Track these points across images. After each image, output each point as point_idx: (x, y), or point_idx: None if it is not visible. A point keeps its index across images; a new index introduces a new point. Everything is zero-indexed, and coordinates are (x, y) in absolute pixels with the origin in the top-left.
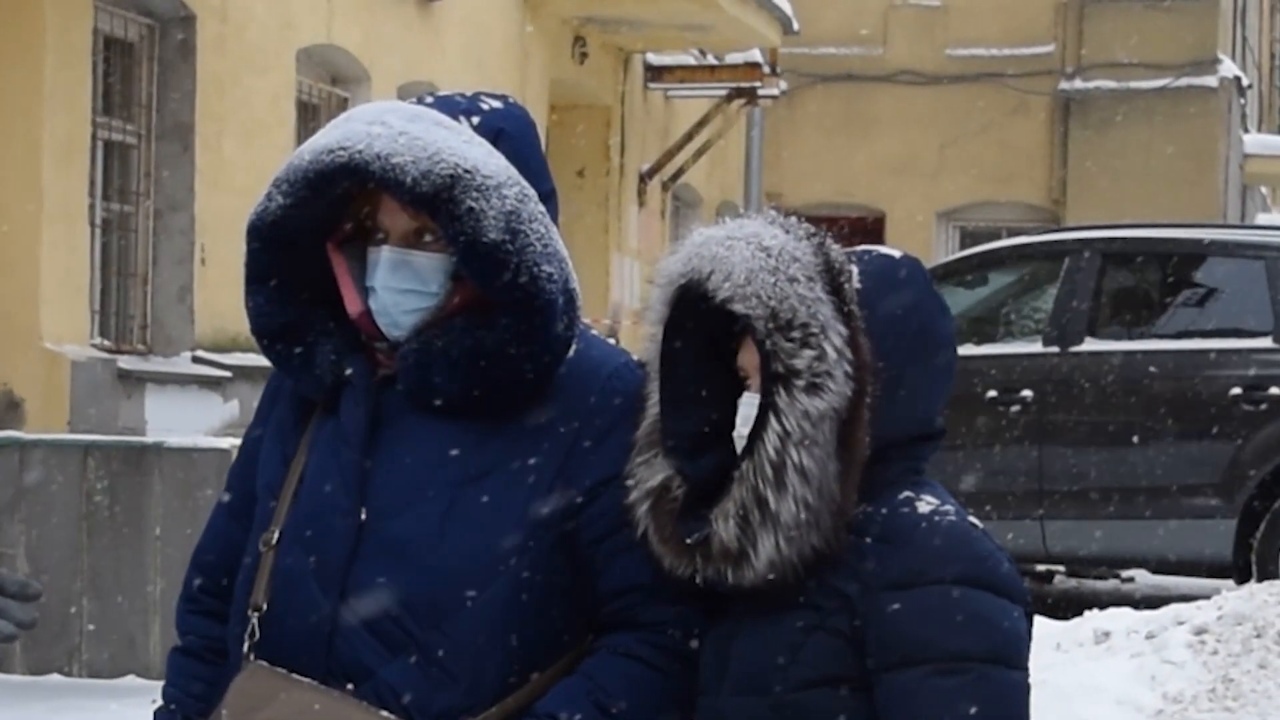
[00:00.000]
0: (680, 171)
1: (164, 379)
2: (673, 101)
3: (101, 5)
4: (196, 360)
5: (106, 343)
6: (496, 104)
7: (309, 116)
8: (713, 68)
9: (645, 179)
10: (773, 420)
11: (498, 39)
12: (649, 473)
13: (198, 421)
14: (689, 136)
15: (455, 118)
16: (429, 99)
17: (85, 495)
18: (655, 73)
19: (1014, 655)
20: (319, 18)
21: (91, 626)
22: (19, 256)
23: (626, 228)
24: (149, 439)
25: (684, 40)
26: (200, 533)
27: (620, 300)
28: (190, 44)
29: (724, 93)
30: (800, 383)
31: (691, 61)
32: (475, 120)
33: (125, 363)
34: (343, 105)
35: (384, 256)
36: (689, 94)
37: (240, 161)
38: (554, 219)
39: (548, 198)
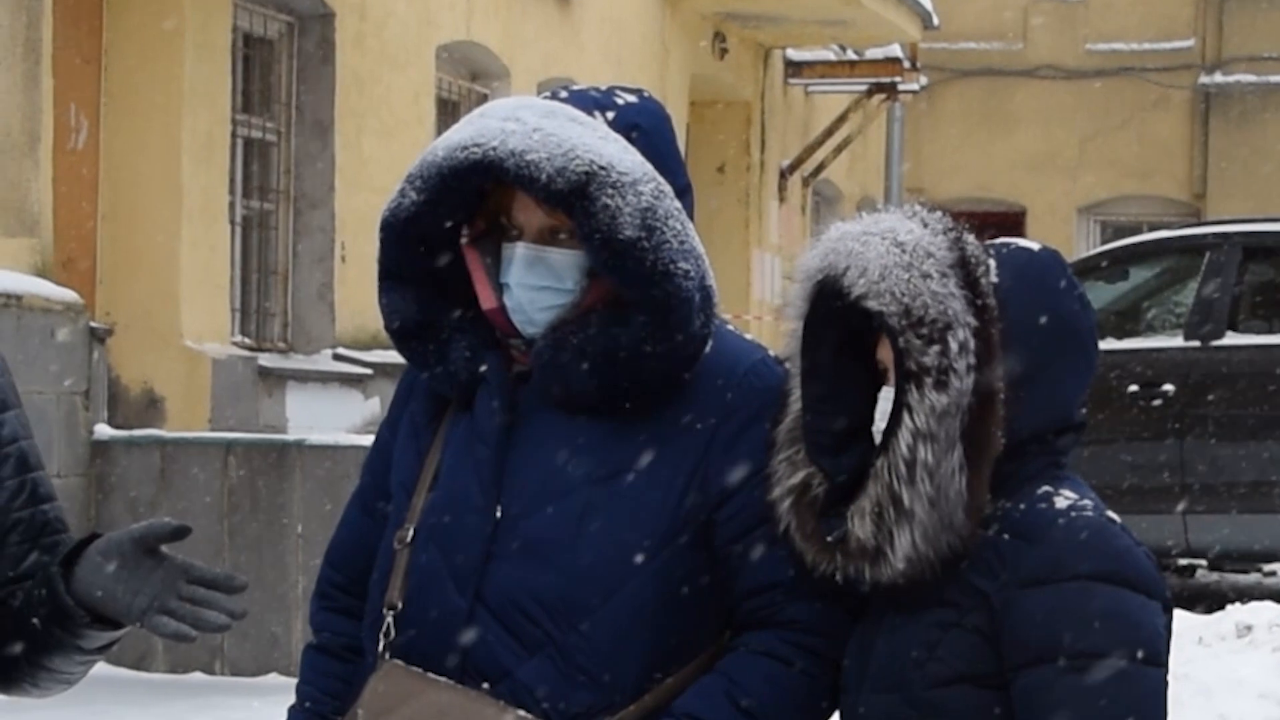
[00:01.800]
0: (820, 167)
1: (305, 376)
2: (813, 97)
3: (241, 3)
4: (337, 358)
5: (247, 340)
6: (631, 98)
7: (448, 113)
8: (853, 63)
9: (785, 175)
10: (905, 417)
11: (637, 35)
12: (791, 470)
13: (338, 419)
14: (829, 132)
15: (590, 112)
16: (563, 93)
17: (226, 493)
18: (795, 68)
19: (1151, 651)
20: (458, 14)
21: (234, 625)
22: (159, 255)
23: (767, 224)
24: (290, 436)
25: (824, 36)
26: None
27: (761, 296)
28: (330, 41)
29: (864, 88)
30: (930, 379)
31: (831, 57)
32: (610, 115)
33: (266, 360)
34: (482, 102)
35: (519, 253)
36: (829, 89)
37: (380, 158)
38: (689, 214)
39: (683, 193)
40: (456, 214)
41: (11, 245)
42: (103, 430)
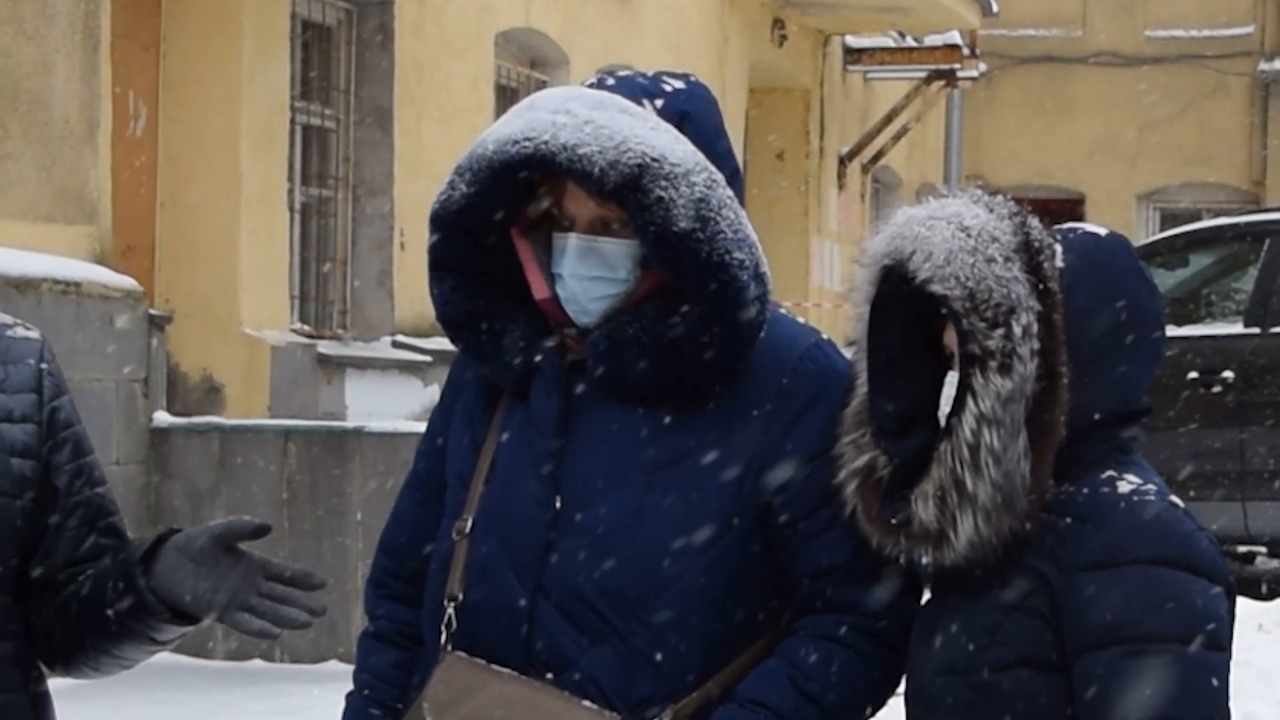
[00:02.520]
0: (880, 154)
1: (364, 364)
2: (872, 84)
3: None
4: (396, 345)
5: (306, 328)
6: (679, 84)
7: (507, 100)
8: (912, 50)
9: (845, 162)
10: (970, 402)
11: (696, 22)
12: (857, 452)
13: (398, 406)
14: (888, 119)
15: (638, 101)
16: (610, 81)
17: (286, 480)
18: (854, 55)
19: (1213, 636)
20: (517, 1)
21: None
22: (218, 242)
23: (826, 211)
24: (349, 424)
25: (882, 22)
26: None
27: (820, 283)
28: (389, 28)
29: (923, 75)
30: (994, 363)
31: (890, 44)
32: (659, 103)
33: (325, 348)
34: (541, 89)
35: (571, 244)
36: (888, 76)
37: (439, 145)
38: (740, 199)
39: (733, 178)
40: (507, 205)
41: (70, 232)
42: (162, 418)
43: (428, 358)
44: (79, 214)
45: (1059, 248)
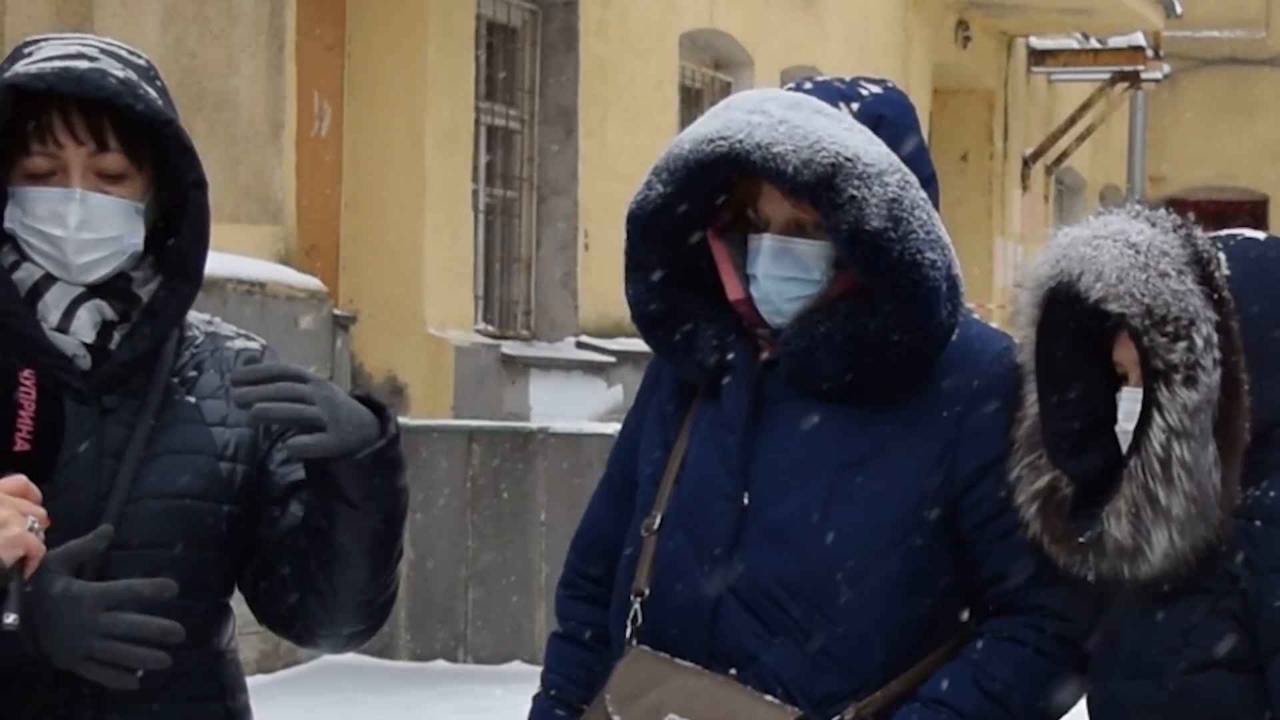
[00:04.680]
0: (1063, 155)
1: (548, 364)
2: (1055, 85)
3: None
4: (580, 345)
5: (490, 328)
6: (876, 89)
7: (691, 101)
8: (1096, 51)
9: (1029, 163)
10: (1156, 416)
11: (880, 23)
12: (1034, 475)
13: (582, 407)
14: (1072, 120)
15: (834, 104)
16: (807, 85)
17: (470, 481)
18: (1038, 56)
19: None
20: (701, 2)
21: (477, 612)
22: (402, 243)
23: (1010, 212)
24: (533, 424)
25: (1066, 24)
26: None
27: (1004, 284)
28: (573, 28)
29: (1107, 76)
30: (1178, 376)
31: (1074, 45)
32: (854, 106)
33: (509, 348)
34: (726, 90)
35: (765, 245)
36: (1072, 78)
37: (623, 146)
38: (934, 204)
39: (927, 183)
40: (702, 206)
41: (255, 233)
42: None
43: (611, 358)
44: (264, 214)
45: (1222, 256)
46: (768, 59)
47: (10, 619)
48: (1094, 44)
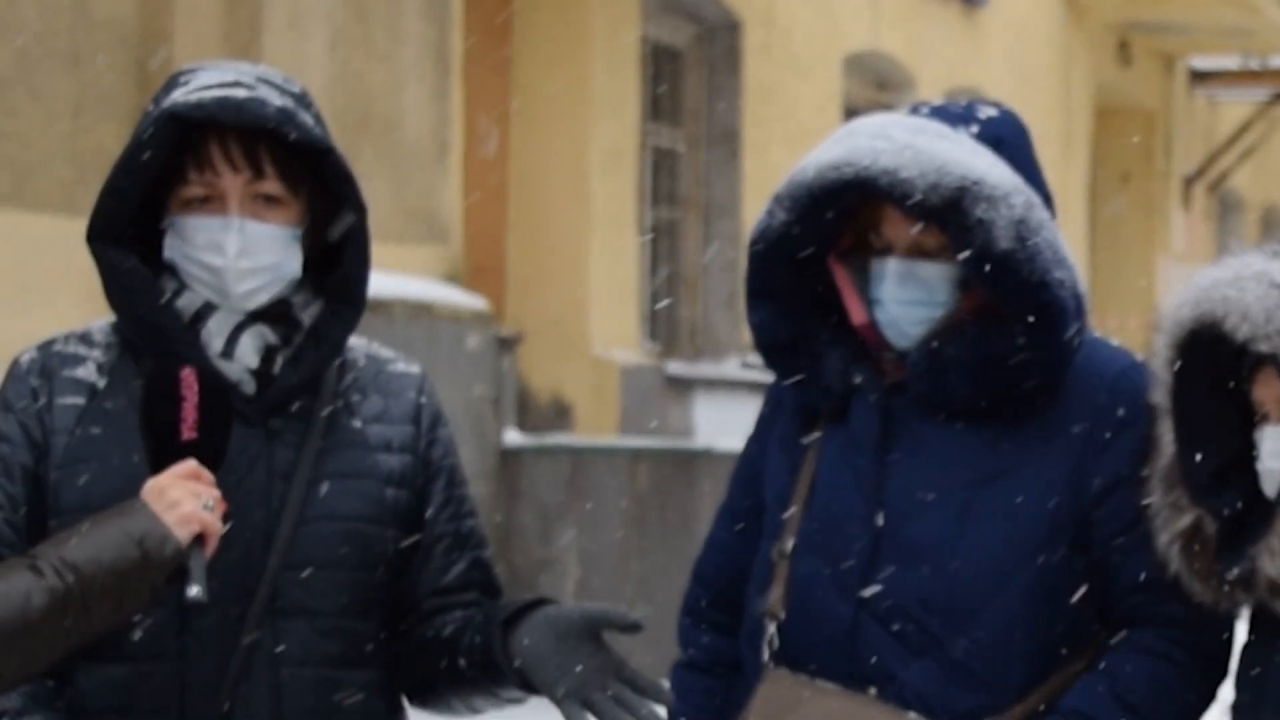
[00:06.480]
0: (1224, 175)
1: (712, 384)
2: (1215, 105)
3: (649, 12)
4: (745, 365)
5: (655, 348)
6: (993, 112)
7: None
8: (1257, 72)
9: (1190, 183)
10: None
11: (1041, 43)
12: (1176, 513)
13: (746, 426)
14: (1233, 140)
15: (954, 127)
16: (925, 109)
17: (635, 500)
18: (1199, 77)
19: None
20: (864, 23)
21: (643, 631)
22: (568, 263)
23: (1172, 231)
24: (698, 444)
25: (1227, 45)
26: None
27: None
28: (737, 50)
29: (1268, 96)
30: None
31: (1235, 65)
32: (974, 129)
33: (674, 368)
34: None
35: (890, 269)
36: (1233, 98)
37: (787, 167)
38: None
39: (1045, 203)
40: (824, 232)
41: (422, 253)
42: (512, 437)
43: None
44: (430, 235)
45: None
46: (929, 79)
47: (195, 590)
48: (1254, 64)
